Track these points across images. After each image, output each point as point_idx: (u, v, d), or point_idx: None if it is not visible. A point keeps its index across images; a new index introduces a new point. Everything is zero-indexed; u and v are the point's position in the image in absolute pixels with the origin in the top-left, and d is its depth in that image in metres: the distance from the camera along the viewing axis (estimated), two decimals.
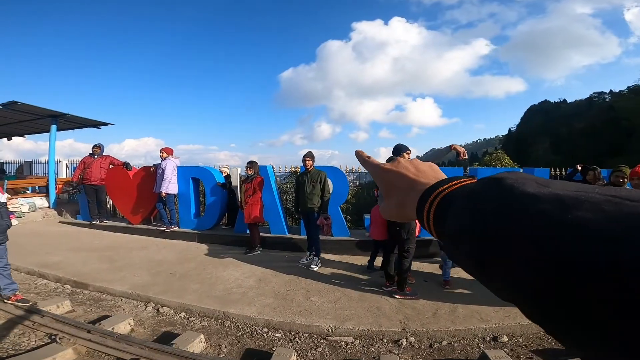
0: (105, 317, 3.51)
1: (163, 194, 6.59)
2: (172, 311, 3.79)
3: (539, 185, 0.29)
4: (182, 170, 6.90)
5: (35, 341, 2.97)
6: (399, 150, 4.36)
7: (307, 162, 5.24)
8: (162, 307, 3.85)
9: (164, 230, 6.83)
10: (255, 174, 5.96)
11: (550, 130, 69.19)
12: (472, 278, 0.35)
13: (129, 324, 3.35)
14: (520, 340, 3.25)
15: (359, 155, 0.60)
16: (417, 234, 4.59)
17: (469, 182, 0.38)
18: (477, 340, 3.26)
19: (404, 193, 0.46)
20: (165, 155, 6.81)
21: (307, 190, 5.14)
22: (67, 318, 3.22)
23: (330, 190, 5.52)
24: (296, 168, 8.23)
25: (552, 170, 7.21)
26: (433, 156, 3.70)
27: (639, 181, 3.67)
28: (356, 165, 7.60)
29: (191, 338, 2.99)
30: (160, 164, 6.78)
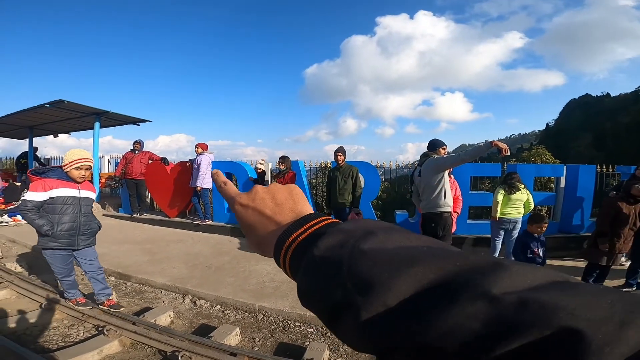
0: (147, 308, 3.64)
1: (198, 188, 6.79)
2: (208, 304, 3.88)
3: (377, 242, 0.30)
4: (216, 165, 7.06)
5: (83, 333, 3.08)
6: (435, 146, 4.21)
7: (338, 157, 5.21)
8: (199, 299, 3.95)
9: (198, 223, 7.05)
10: (288, 168, 5.99)
11: (592, 125, 65.24)
12: None
13: (169, 316, 3.45)
14: None
15: (214, 178, 0.51)
16: (453, 230, 4.46)
17: (322, 224, 0.37)
18: None
19: (262, 234, 0.41)
20: (200, 150, 6.99)
21: (339, 186, 5.12)
22: (112, 310, 3.36)
23: (362, 186, 5.47)
24: (326, 163, 8.21)
25: (599, 167, 6.78)
26: (473, 152, 3.56)
27: None
28: (382, 160, 7.48)
29: (228, 331, 3.04)
30: (195, 159, 6.98)
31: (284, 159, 6.01)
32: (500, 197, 4.97)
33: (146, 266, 4.89)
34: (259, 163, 7.48)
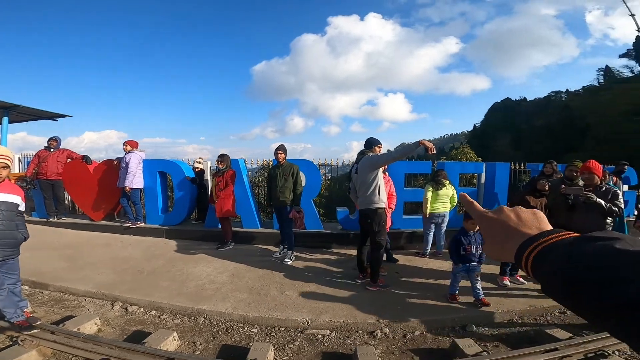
0: (70, 317, 3.32)
1: (127, 188, 6.29)
2: (141, 310, 3.64)
3: (626, 244, 0.38)
4: (148, 164, 6.62)
5: None
6: (371, 144, 4.40)
7: (279, 155, 5.17)
8: (131, 305, 3.70)
9: (129, 226, 6.53)
10: (227, 167, 5.82)
11: (511, 127, 72.53)
12: (442, 269, 0.64)
13: (95, 323, 3.19)
14: (487, 329, 3.40)
15: (464, 198, 0.67)
16: (388, 226, 4.68)
17: (566, 236, 0.46)
18: (447, 329, 3.38)
19: (504, 240, 0.55)
20: (129, 148, 6.50)
21: (280, 184, 5.09)
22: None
23: (303, 184, 5.50)
24: (268, 161, 8.12)
25: (513, 165, 7.55)
26: (403, 150, 3.78)
27: (589, 175, 3.91)
28: (328, 158, 7.61)
29: (164, 336, 2.89)
30: (124, 157, 6.45)
31: (222, 158, 5.85)
32: (429, 194, 5.36)
33: (66, 273, 4.44)
34: (197, 162, 7.15)
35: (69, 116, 8.70)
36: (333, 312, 3.53)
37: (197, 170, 6.96)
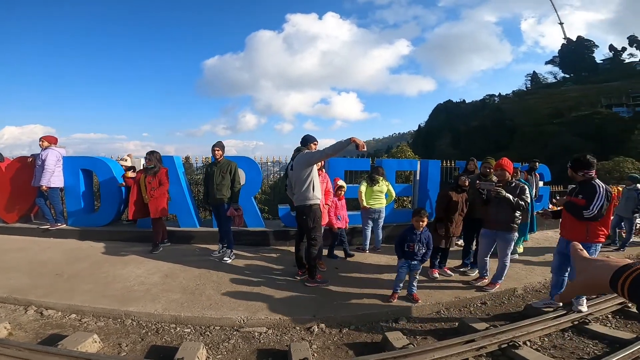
0: None
1: (44, 187, 5.75)
2: (59, 314, 3.40)
3: None
4: (69, 161, 6.13)
5: None
6: (307, 141, 4.48)
7: (216, 152, 5.08)
8: (47, 309, 3.44)
9: (47, 228, 5.99)
10: (157, 165, 5.49)
11: (451, 127, 77.32)
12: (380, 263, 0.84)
13: (5, 327, 2.96)
14: (417, 322, 3.61)
15: (573, 248, 0.78)
16: (323, 223, 4.77)
17: None
18: (381, 322, 3.53)
19: (595, 273, 0.66)
20: (46, 144, 5.95)
21: (217, 181, 5.00)
22: None
23: (242, 181, 5.45)
24: (208, 159, 7.90)
25: (444, 162, 8.10)
26: (336, 147, 3.85)
27: (501, 172, 4.30)
28: (282, 156, 7.61)
29: (82, 338, 2.73)
30: (39, 154, 5.89)
31: (151, 155, 5.48)
32: (363, 188, 5.61)
33: None
34: (122, 159, 6.70)
35: None
36: (270, 310, 3.55)
37: (124, 167, 6.50)
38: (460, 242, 5.52)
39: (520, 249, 5.91)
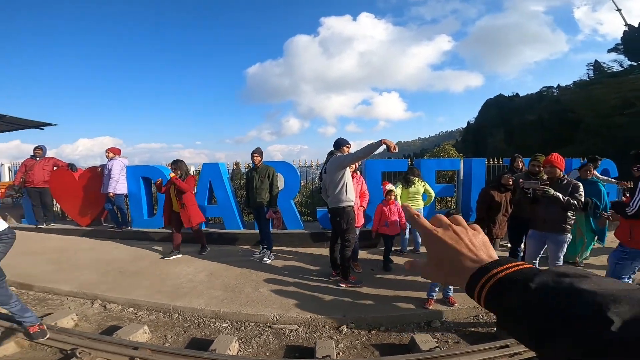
0: (50, 314, 3.53)
1: (111, 194, 6.51)
2: (119, 307, 3.85)
3: (591, 283, 0.38)
4: (131, 170, 6.82)
5: None
6: (339, 145, 4.56)
7: (255, 157, 5.38)
8: (110, 303, 3.91)
9: (115, 230, 6.75)
10: (183, 174, 5.61)
11: (504, 122, 72.81)
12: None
13: (72, 319, 3.40)
14: (452, 325, 3.53)
15: (406, 210, 0.63)
16: (359, 225, 4.86)
17: (521, 267, 0.45)
18: (412, 325, 3.51)
19: (454, 265, 0.51)
20: (111, 155, 6.71)
21: (256, 186, 5.29)
22: (5, 314, 3.20)
23: (281, 185, 5.69)
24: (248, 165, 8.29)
25: (490, 160, 7.73)
26: (367, 150, 3.88)
27: (550, 169, 3.95)
28: (323, 159, 7.76)
29: (134, 329, 3.10)
30: (106, 164, 6.67)
31: (176, 164, 5.65)
32: (398, 190, 5.52)
33: (51, 275, 4.65)
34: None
35: (55, 125, 8.89)
36: (302, 308, 3.69)
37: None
38: (505, 243, 5.24)
39: (587, 256, 5.32)
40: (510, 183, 4.47)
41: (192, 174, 7.15)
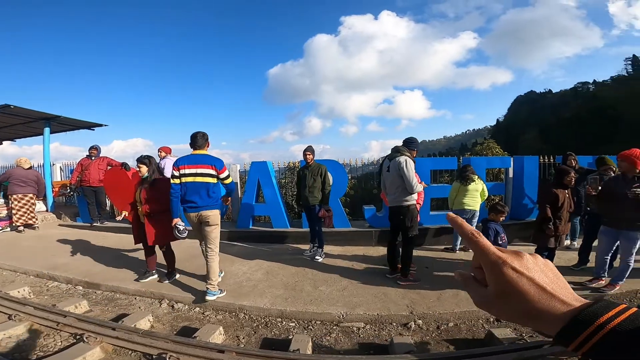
0: (124, 315, 3.56)
1: None
2: (186, 307, 3.87)
3: None
4: None
5: (61, 342, 2.97)
6: (410, 144, 4.43)
7: (307, 156, 5.33)
8: (177, 303, 3.93)
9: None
10: (152, 173, 4.33)
11: (538, 120, 70.28)
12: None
13: (149, 320, 3.41)
14: None
15: (457, 225, 0.55)
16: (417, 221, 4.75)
17: (630, 313, 0.38)
18: (481, 321, 3.43)
19: (538, 306, 0.43)
20: (163, 154, 6.85)
21: (309, 184, 5.23)
22: (89, 317, 3.26)
23: (331, 183, 5.63)
24: (294, 163, 8.31)
25: (541, 158, 7.39)
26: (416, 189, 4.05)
27: (627, 164, 3.81)
28: (347, 158, 7.71)
29: (211, 331, 3.08)
30: (159, 163, 6.81)
31: (146, 160, 4.38)
32: (454, 191, 5.39)
33: (115, 273, 4.75)
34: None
35: (105, 125, 9.22)
36: (367, 306, 3.64)
37: None
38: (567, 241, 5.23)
39: None
40: (573, 183, 4.39)
41: (236, 173, 7.13)
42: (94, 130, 9.38)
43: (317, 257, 5.24)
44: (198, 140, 3.93)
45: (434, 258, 5.30)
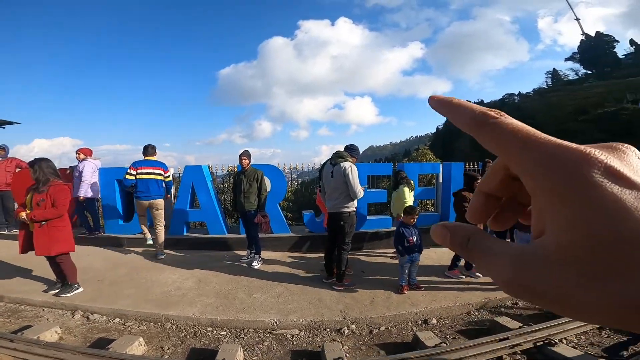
0: (28, 327, 3.24)
1: (81, 198, 6.06)
2: (104, 318, 3.60)
3: None
4: (104, 172, 6.40)
5: None
6: (353, 152, 4.52)
7: (243, 161, 5.23)
8: (93, 314, 3.64)
9: (85, 236, 6.28)
10: (45, 178, 3.85)
11: None
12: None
13: (56, 332, 3.15)
14: (447, 322, 3.64)
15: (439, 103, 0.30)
16: None
17: None
18: (410, 323, 3.59)
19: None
20: (82, 156, 6.26)
21: (244, 189, 5.13)
22: None
23: (268, 189, 5.58)
24: (234, 167, 8.11)
25: (468, 164, 8.02)
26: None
27: None
28: (299, 162, 7.73)
29: (129, 342, 2.90)
30: (77, 166, 6.22)
31: (37, 165, 3.90)
32: (406, 195, 5.52)
33: (21, 285, 4.29)
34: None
35: (17, 123, 8.20)
36: (301, 312, 3.65)
37: None
38: None
39: None
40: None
41: (173, 178, 6.79)
42: (4, 128, 8.33)
43: (254, 264, 5.16)
44: (149, 150, 5.55)
45: (369, 261, 5.46)
